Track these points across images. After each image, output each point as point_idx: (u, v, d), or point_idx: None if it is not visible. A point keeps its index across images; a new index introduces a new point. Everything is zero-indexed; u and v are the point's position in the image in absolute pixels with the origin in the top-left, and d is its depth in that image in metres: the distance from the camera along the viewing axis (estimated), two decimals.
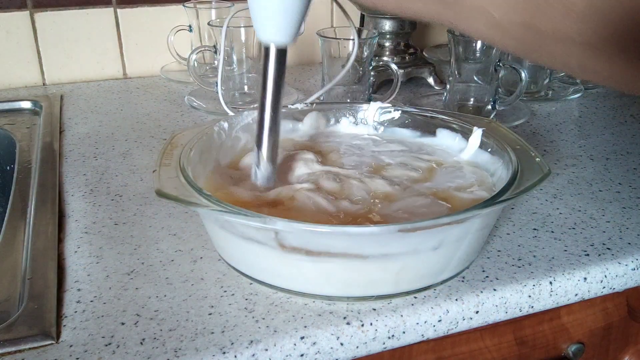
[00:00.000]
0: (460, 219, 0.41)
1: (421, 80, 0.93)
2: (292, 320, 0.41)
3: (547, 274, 0.46)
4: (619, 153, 0.69)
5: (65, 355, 0.38)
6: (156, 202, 0.56)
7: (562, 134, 0.75)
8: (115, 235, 0.52)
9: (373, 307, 0.42)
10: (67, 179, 0.62)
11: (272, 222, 0.39)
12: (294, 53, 1.05)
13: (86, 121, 0.78)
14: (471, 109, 0.77)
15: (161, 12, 0.94)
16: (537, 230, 0.53)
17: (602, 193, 0.59)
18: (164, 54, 0.95)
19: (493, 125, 0.55)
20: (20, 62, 0.90)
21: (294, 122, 0.61)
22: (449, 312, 0.43)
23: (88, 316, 0.42)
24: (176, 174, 0.45)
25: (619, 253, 0.49)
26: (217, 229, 0.45)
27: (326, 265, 0.41)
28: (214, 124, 0.55)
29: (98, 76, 0.95)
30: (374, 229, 0.40)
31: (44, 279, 0.45)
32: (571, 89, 0.91)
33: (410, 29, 0.92)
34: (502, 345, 0.51)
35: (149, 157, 0.67)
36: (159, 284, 0.45)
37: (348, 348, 0.41)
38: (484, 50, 0.74)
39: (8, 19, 0.87)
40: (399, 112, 0.61)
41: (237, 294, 0.44)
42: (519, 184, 0.44)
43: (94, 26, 0.91)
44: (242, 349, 0.39)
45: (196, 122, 0.78)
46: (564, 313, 0.52)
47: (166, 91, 0.90)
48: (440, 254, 0.42)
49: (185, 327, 0.40)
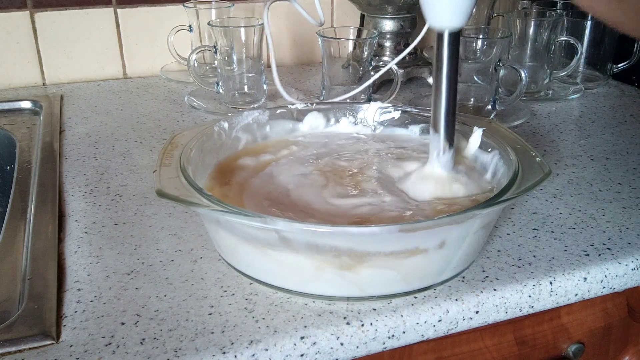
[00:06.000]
0: (461, 219, 0.41)
1: (421, 80, 0.93)
2: (292, 320, 0.41)
3: (547, 274, 0.46)
4: (619, 153, 0.69)
5: (65, 355, 0.38)
6: (156, 202, 0.56)
7: (562, 134, 0.75)
8: (115, 235, 0.52)
9: (373, 307, 0.42)
10: (67, 179, 0.62)
11: (273, 222, 0.39)
12: (294, 53, 1.05)
13: (86, 121, 0.78)
14: (471, 109, 0.77)
15: (161, 12, 0.94)
16: (537, 230, 0.53)
17: (602, 193, 0.59)
18: (164, 54, 0.95)
19: (493, 125, 0.55)
20: (20, 62, 0.90)
21: (294, 122, 0.61)
22: (449, 312, 0.43)
23: (88, 316, 0.42)
24: (176, 174, 0.45)
25: (619, 253, 0.49)
26: (217, 228, 0.45)
27: (327, 265, 0.41)
28: (214, 124, 0.55)
29: (98, 76, 0.95)
30: (374, 229, 0.40)
31: (44, 279, 0.45)
32: (571, 89, 0.91)
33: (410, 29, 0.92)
34: (502, 345, 0.51)
35: (149, 157, 0.67)
36: (159, 284, 0.45)
37: (348, 348, 0.41)
38: (484, 50, 0.74)
39: (8, 19, 0.87)
40: (399, 112, 0.61)
41: (237, 294, 0.44)
42: (519, 184, 0.44)
43: (94, 26, 0.92)
44: (242, 349, 0.39)
45: (196, 122, 0.78)
46: (564, 313, 0.52)
47: (166, 91, 0.90)
48: (441, 254, 0.42)
49: (185, 327, 0.40)
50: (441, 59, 0.47)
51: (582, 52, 0.92)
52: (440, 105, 0.48)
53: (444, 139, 0.49)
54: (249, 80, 0.82)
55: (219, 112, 0.80)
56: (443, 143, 0.49)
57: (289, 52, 1.05)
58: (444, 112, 0.48)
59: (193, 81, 0.84)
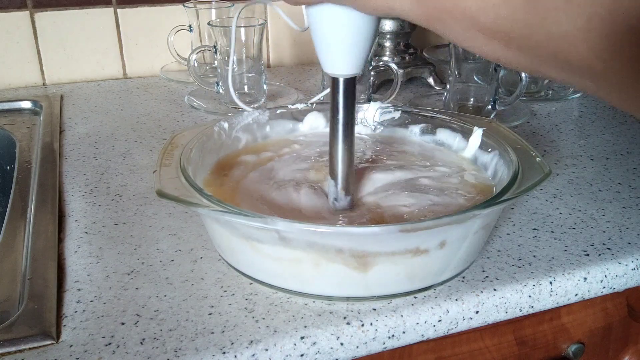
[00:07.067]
0: (461, 219, 0.41)
1: (421, 80, 0.93)
2: (292, 320, 0.41)
3: (547, 274, 0.46)
4: (619, 153, 0.69)
5: (65, 355, 0.38)
6: (156, 202, 0.56)
7: (562, 134, 0.75)
8: (115, 235, 0.52)
9: (373, 307, 0.42)
10: (67, 179, 0.62)
11: (273, 222, 0.39)
12: (294, 53, 1.05)
13: (86, 121, 0.78)
14: (471, 109, 0.77)
15: (161, 12, 0.94)
16: (537, 230, 0.53)
17: (602, 193, 0.59)
18: (164, 54, 0.95)
19: (493, 125, 0.55)
20: (20, 62, 0.90)
21: (294, 122, 0.61)
22: (449, 312, 0.43)
23: (88, 316, 0.42)
24: (176, 174, 0.45)
25: (619, 253, 0.49)
26: (217, 229, 0.45)
27: (326, 265, 0.41)
28: (214, 124, 0.55)
29: (98, 76, 0.95)
30: (375, 229, 0.40)
31: (44, 279, 0.45)
32: (571, 89, 0.91)
33: (410, 29, 0.92)
34: (502, 345, 0.51)
35: (149, 157, 0.67)
36: (159, 284, 0.45)
37: (348, 348, 0.41)
38: None
39: (8, 19, 0.87)
40: (399, 112, 0.61)
41: (237, 294, 0.44)
42: (519, 184, 0.44)
43: (94, 26, 0.92)
44: (242, 349, 0.39)
45: (196, 122, 0.78)
46: (564, 313, 0.52)
47: (166, 91, 0.90)
48: (441, 254, 0.42)
49: (185, 327, 0.40)
50: (337, 106, 0.44)
51: None
52: (337, 153, 0.45)
53: (340, 187, 0.46)
54: (249, 80, 0.82)
55: (219, 112, 0.80)
56: (340, 191, 0.46)
57: (289, 52, 1.05)
58: (340, 161, 0.45)
59: (193, 81, 0.84)
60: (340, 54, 0.41)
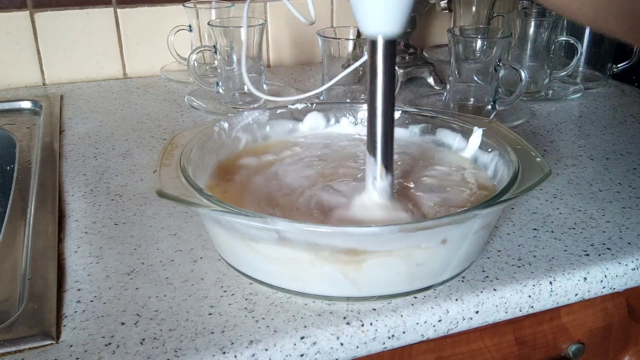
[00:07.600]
0: (461, 219, 0.41)
1: (421, 80, 0.93)
2: (292, 320, 0.41)
3: (547, 274, 0.46)
4: (619, 153, 0.69)
5: (65, 355, 0.38)
6: (156, 202, 0.56)
7: (562, 134, 0.75)
8: (115, 235, 0.52)
9: (373, 307, 0.42)
10: (67, 179, 0.62)
11: (273, 222, 0.39)
12: (294, 53, 1.05)
13: (86, 121, 0.78)
14: (471, 109, 0.77)
15: (161, 12, 0.94)
16: (537, 230, 0.53)
17: (602, 193, 0.59)
18: (164, 54, 0.95)
19: (493, 125, 0.55)
20: (20, 62, 0.90)
21: (293, 122, 0.61)
22: (449, 312, 0.43)
23: (88, 316, 0.42)
24: (176, 174, 0.45)
25: (619, 253, 0.49)
26: (217, 229, 0.45)
27: (327, 265, 0.41)
28: (214, 124, 0.55)
29: (98, 76, 0.95)
30: (375, 229, 0.40)
31: (44, 279, 0.45)
32: (571, 89, 0.91)
33: (410, 28, 0.92)
34: (502, 345, 0.51)
35: (149, 157, 0.67)
36: (159, 284, 0.45)
37: (348, 348, 0.41)
38: (484, 50, 0.74)
39: (8, 19, 0.87)
40: (399, 112, 0.61)
41: (237, 294, 0.44)
42: (519, 184, 0.44)
43: (94, 26, 0.91)
44: (242, 349, 0.39)
45: (196, 122, 0.78)
46: (564, 313, 0.52)
47: (166, 91, 0.90)
48: (441, 254, 0.42)
49: (185, 327, 0.40)
50: (375, 71, 0.40)
51: (582, 52, 0.92)
52: (376, 124, 0.41)
53: (380, 164, 0.43)
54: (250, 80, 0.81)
55: (219, 112, 0.80)
56: (380, 168, 0.43)
57: (289, 52, 1.05)
58: (380, 132, 0.42)
59: (193, 81, 0.83)
60: (380, 7, 0.38)
